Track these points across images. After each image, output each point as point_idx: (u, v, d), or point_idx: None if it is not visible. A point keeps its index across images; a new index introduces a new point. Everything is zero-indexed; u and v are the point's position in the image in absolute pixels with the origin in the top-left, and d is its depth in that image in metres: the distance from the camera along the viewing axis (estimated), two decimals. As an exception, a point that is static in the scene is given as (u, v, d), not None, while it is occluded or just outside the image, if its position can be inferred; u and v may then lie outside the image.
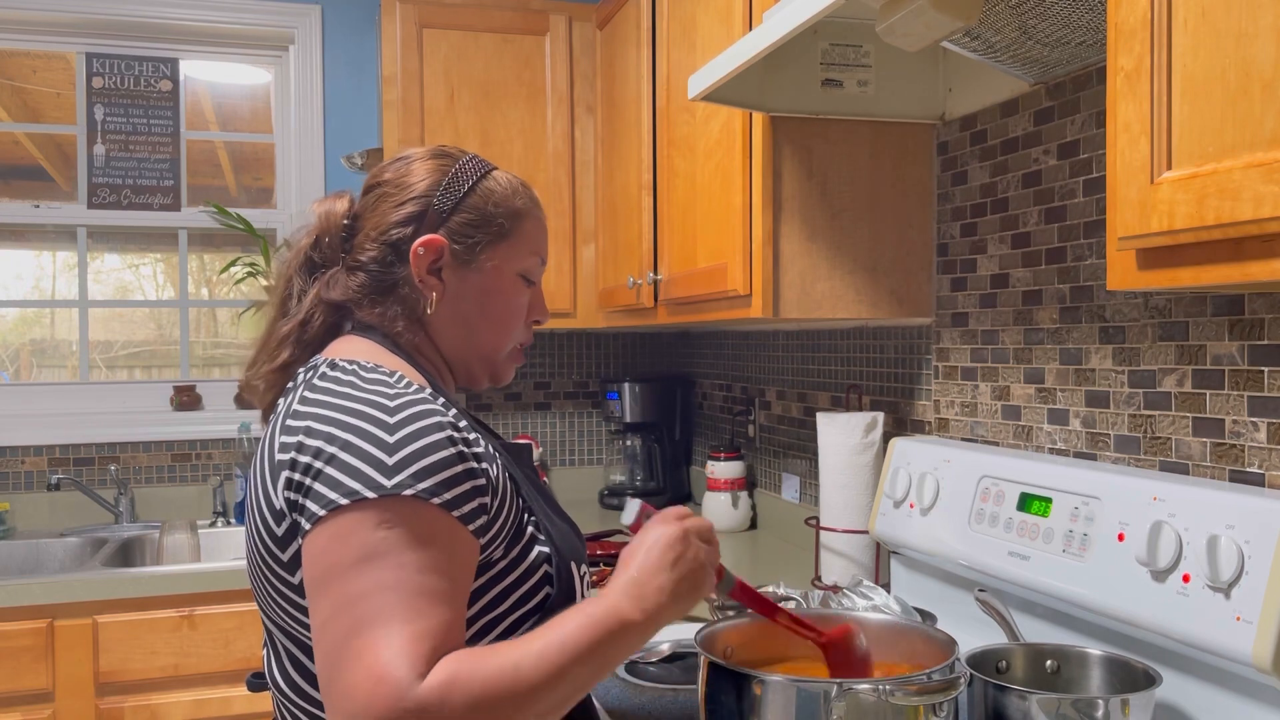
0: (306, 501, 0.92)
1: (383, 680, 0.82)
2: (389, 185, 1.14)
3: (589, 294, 2.87)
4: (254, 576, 1.02)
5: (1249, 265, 0.84)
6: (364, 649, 0.83)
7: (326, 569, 0.89)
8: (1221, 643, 1.11)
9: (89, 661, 2.29)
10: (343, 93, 3.11)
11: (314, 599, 0.90)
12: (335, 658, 0.85)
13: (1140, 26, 0.89)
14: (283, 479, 0.95)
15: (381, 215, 1.12)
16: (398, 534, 0.89)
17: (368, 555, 0.88)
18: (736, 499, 2.63)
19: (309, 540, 0.91)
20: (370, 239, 1.12)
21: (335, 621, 0.86)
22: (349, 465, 0.91)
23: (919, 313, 1.89)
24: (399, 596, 0.86)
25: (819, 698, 1.01)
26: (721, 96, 1.70)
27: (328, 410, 0.96)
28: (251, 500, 1.01)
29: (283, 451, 0.96)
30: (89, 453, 2.90)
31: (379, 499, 0.90)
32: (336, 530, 0.89)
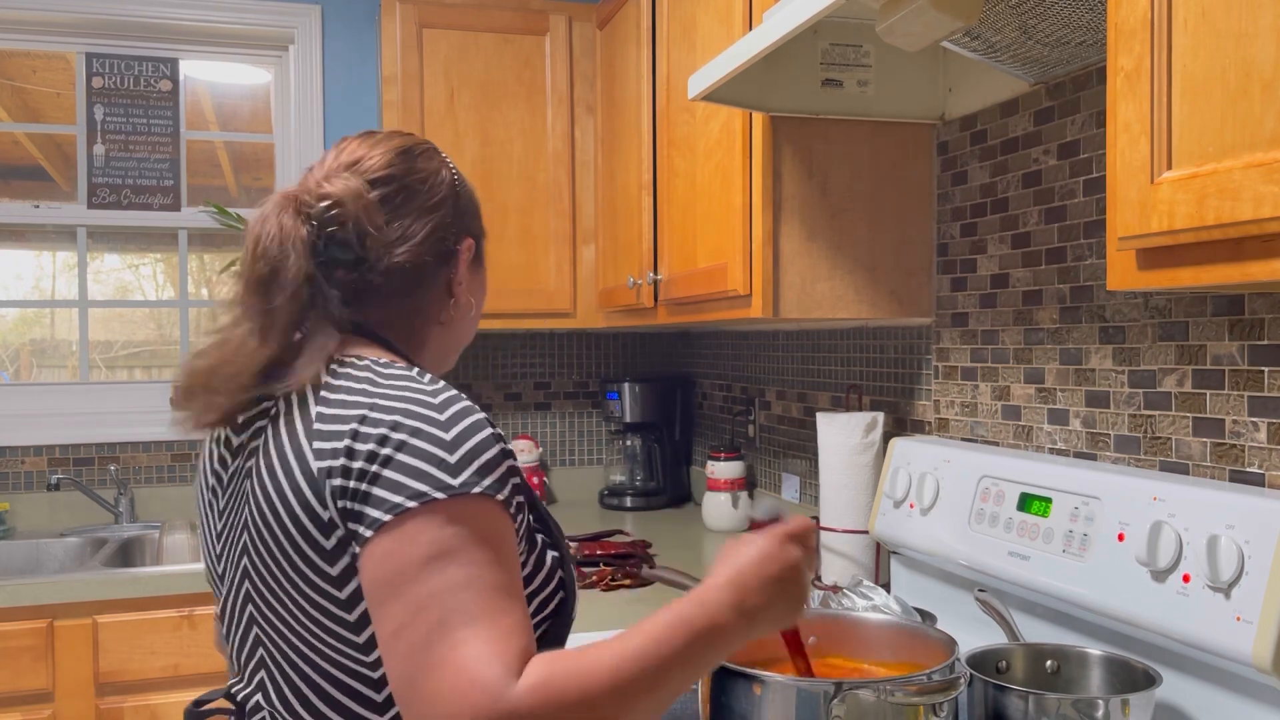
0: (365, 509, 0.87)
1: (475, 683, 0.78)
2: (415, 179, 1.06)
3: (589, 294, 2.87)
4: (263, 600, 0.95)
5: (1249, 265, 0.84)
6: (450, 651, 0.80)
7: (395, 572, 0.84)
8: (1221, 643, 1.11)
9: (89, 661, 2.29)
10: (343, 93, 3.11)
11: (382, 605, 0.85)
12: (418, 662, 0.80)
13: (1140, 26, 0.89)
14: (330, 488, 0.89)
15: (414, 212, 1.06)
16: (468, 531, 0.85)
17: (439, 554, 0.84)
18: (736, 499, 2.63)
19: (371, 548, 0.86)
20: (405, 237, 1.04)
21: (413, 625, 0.82)
22: (410, 466, 0.87)
23: (919, 313, 1.89)
24: (477, 594, 0.83)
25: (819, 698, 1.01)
26: (721, 96, 1.70)
27: (370, 410, 0.90)
28: (264, 520, 0.93)
29: (322, 459, 0.89)
30: (89, 453, 2.90)
31: (448, 499, 0.86)
32: (402, 533, 0.85)
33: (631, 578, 2.05)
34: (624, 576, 2.05)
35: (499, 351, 3.19)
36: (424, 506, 0.85)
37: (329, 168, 1.05)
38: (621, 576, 2.05)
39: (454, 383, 3.14)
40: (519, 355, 3.21)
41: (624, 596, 1.97)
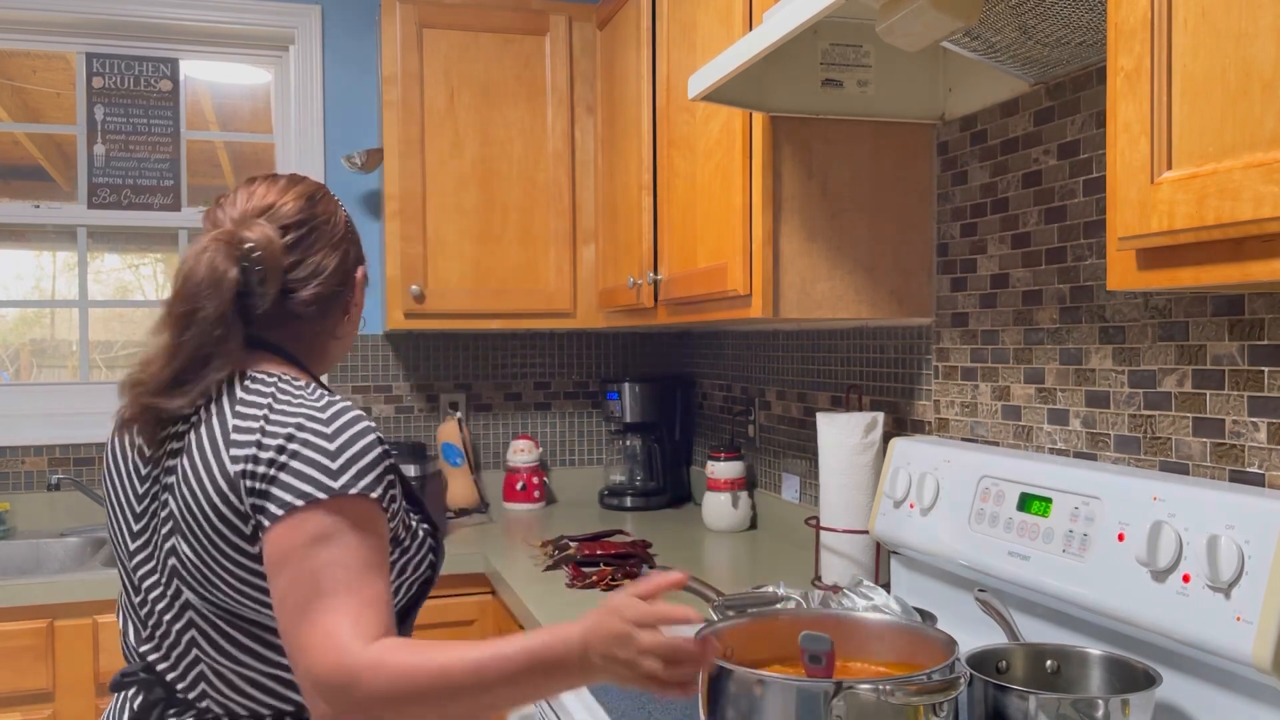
0: (266, 504, 1.08)
1: (333, 642, 1.01)
2: (319, 221, 1.25)
3: (589, 294, 2.87)
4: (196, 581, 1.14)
5: (1249, 265, 0.84)
6: (320, 615, 1.03)
7: (284, 552, 1.06)
8: (1221, 643, 1.11)
9: (89, 661, 2.29)
10: (343, 93, 3.11)
11: (275, 578, 1.06)
12: (297, 621, 1.03)
13: (1140, 26, 0.89)
14: (243, 486, 1.10)
15: (320, 247, 1.25)
16: (344, 522, 1.07)
17: (318, 539, 1.06)
18: (736, 499, 2.64)
19: (270, 534, 1.08)
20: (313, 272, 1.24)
21: (294, 592, 1.04)
22: (301, 472, 1.09)
23: (919, 313, 1.89)
24: (347, 571, 1.06)
25: (819, 698, 1.01)
26: (721, 96, 1.70)
27: (268, 424, 1.12)
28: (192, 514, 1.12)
29: (235, 463, 1.10)
30: (89, 452, 2.90)
31: (329, 499, 1.08)
32: (292, 523, 1.07)
33: (631, 578, 2.05)
34: (624, 576, 2.05)
35: (499, 351, 3.19)
36: (309, 504, 1.07)
37: (244, 210, 1.23)
38: (621, 576, 2.05)
39: (454, 382, 3.15)
40: (519, 355, 3.21)
41: (624, 596, 1.97)
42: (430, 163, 2.75)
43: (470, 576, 2.44)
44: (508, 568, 2.23)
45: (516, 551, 2.41)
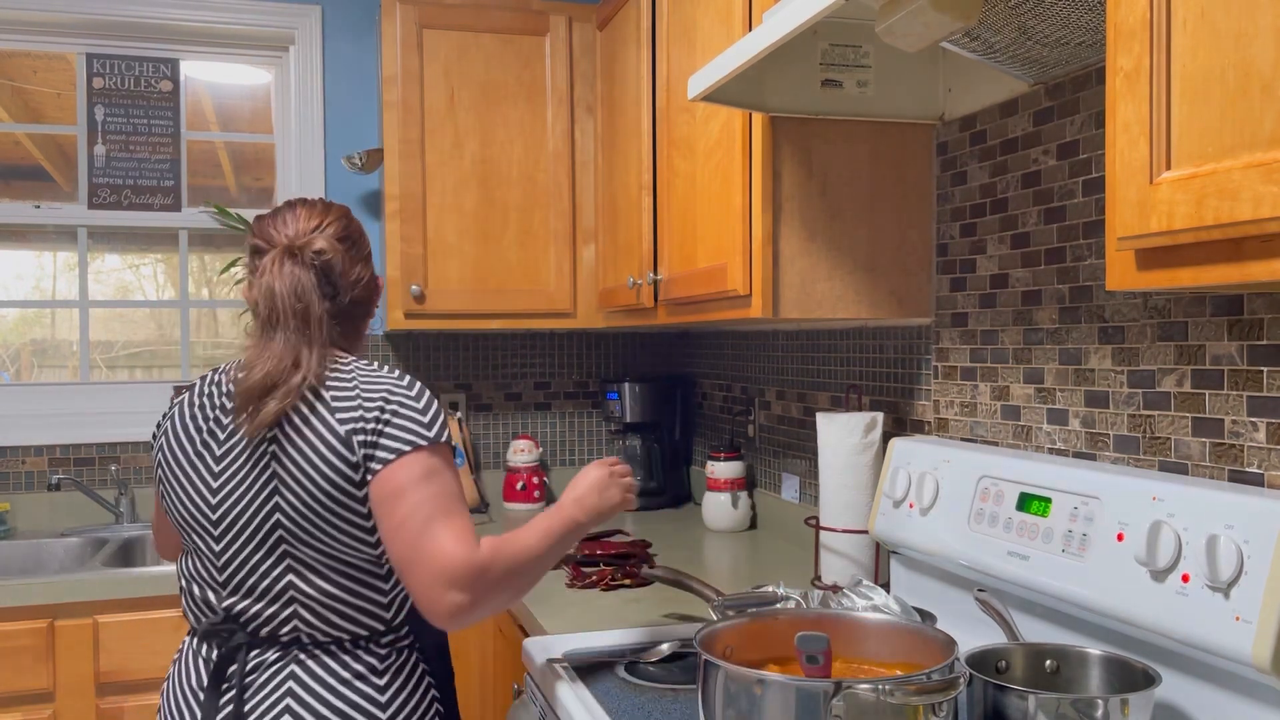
0: (377, 451, 1.34)
1: (461, 542, 1.30)
2: (357, 236, 1.54)
3: (589, 294, 2.87)
4: (304, 521, 1.35)
5: (1248, 265, 0.84)
6: (443, 528, 1.31)
7: (401, 486, 1.32)
8: (1221, 642, 1.11)
9: (89, 661, 2.29)
10: (343, 93, 3.11)
11: (389, 507, 1.32)
12: (421, 536, 1.30)
13: (1139, 27, 0.90)
14: (355, 441, 1.34)
15: (356, 259, 1.51)
16: (441, 462, 1.37)
17: (429, 473, 1.34)
18: (736, 499, 2.64)
19: (382, 474, 1.33)
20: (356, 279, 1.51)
21: (415, 515, 1.31)
22: (403, 426, 1.36)
23: (919, 313, 1.89)
24: (451, 500, 1.34)
25: (819, 697, 1.01)
26: (721, 97, 1.70)
27: (363, 394, 1.38)
28: (308, 464, 1.35)
29: (345, 424, 1.35)
30: (89, 453, 2.90)
31: (429, 445, 1.36)
32: (401, 464, 1.33)
33: (631, 578, 2.05)
34: (624, 576, 2.05)
35: (499, 351, 3.19)
36: (415, 449, 1.35)
37: (298, 229, 1.46)
38: (621, 576, 2.05)
39: (454, 382, 3.15)
40: (519, 355, 3.21)
41: (624, 596, 1.97)
42: (430, 163, 2.75)
43: (470, 576, 2.44)
44: (508, 568, 2.23)
45: (516, 551, 2.41)
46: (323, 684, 1.37)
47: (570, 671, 1.50)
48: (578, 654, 1.57)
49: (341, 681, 1.38)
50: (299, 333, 1.39)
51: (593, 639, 1.65)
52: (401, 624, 1.43)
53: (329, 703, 1.36)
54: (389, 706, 1.39)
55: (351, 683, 1.38)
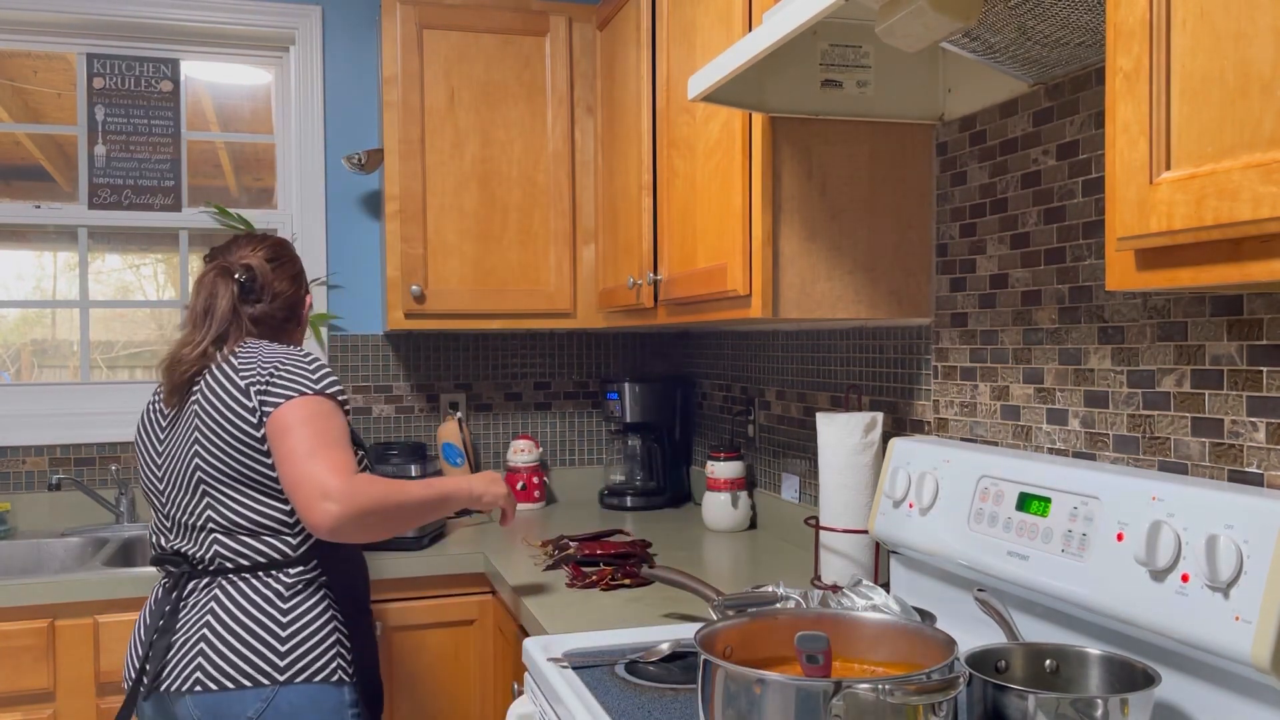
0: (268, 398, 1.68)
1: (339, 464, 1.62)
2: (288, 256, 1.95)
3: (589, 294, 2.87)
4: (221, 458, 1.69)
5: (1248, 265, 0.84)
6: (324, 453, 1.62)
7: (289, 423, 1.65)
8: (1220, 642, 1.11)
9: (90, 661, 2.29)
10: (343, 93, 3.11)
11: (281, 440, 1.64)
12: (306, 459, 1.61)
13: (1139, 27, 0.90)
14: (252, 390, 1.69)
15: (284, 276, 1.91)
16: (326, 408, 1.69)
17: (313, 414, 1.67)
18: (736, 499, 2.64)
19: (276, 413, 1.66)
20: (278, 292, 1.90)
21: (301, 444, 1.62)
22: (291, 378, 1.70)
23: (918, 313, 1.89)
24: (334, 434, 1.66)
25: (818, 697, 1.01)
26: (721, 97, 1.70)
27: (260, 360, 1.73)
28: (211, 417, 1.70)
29: (244, 379, 1.70)
30: (90, 453, 2.91)
31: (312, 394, 1.69)
32: (290, 405, 1.66)
33: (631, 577, 2.05)
34: (624, 576, 2.05)
35: (499, 351, 3.20)
36: (301, 395, 1.68)
37: (240, 254, 1.89)
38: (621, 576, 2.05)
39: (454, 382, 3.15)
40: (519, 355, 3.22)
41: (624, 596, 1.97)
42: (430, 163, 2.75)
43: (470, 576, 2.45)
44: (508, 568, 2.23)
45: (516, 551, 2.41)
46: (235, 604, 1.67)
47: (570, 671, 1.50)
48: (578, 654, 1.57)
49: (250, 603, 1.67)
50: (202, 325, 1.80)
51: (593, 639, 1.65)
52: (308, 556, 1.72)
53: (239, 619, 1.66)
54: (288, 627, 1.67)
55: (259, 604, 1.67)
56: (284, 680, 1.65)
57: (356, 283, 3.11)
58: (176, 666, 1.66)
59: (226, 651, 1.64)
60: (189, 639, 1.67)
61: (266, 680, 1.64)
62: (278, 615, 1.67)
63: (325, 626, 1.70)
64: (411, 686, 2.44)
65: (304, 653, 1.67)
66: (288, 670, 1.65)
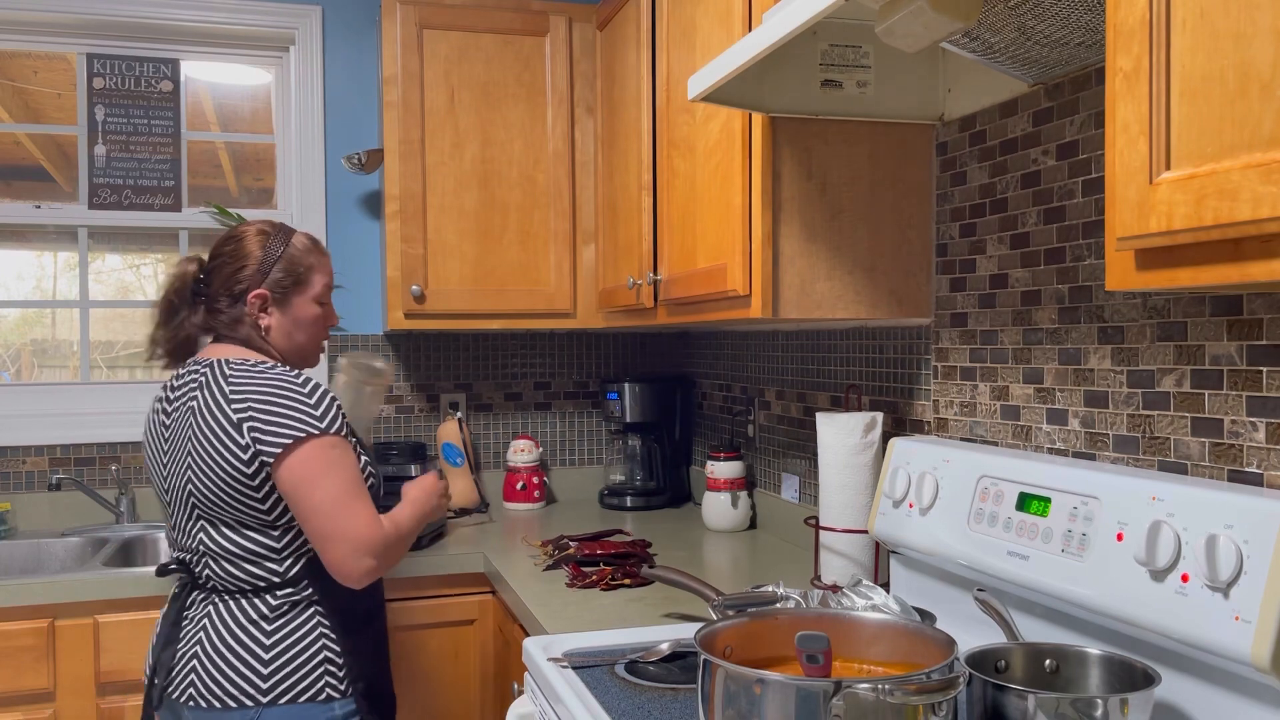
0: (266, 437, 1.64)
1: (371, 521, 1.67)
2: (228, 256, 1.80)
3: (589, 294, 2.87)
4: (209, 488, 1.67)
5: (1248, 266, 0.84)
6: (355, 511, 1.66)
7: (308, 475, 1.64)
8: (1220, 642, 1.11)
9: (90, 661, 2.29)
10: (343, 93, 3.11)
11: (304, 492, 1.64)
12: (338, 517, 1.64)
13: (1139, 27, 0.90)
14: (245, 427, 1.64)
15: (227, 276, 1.79)
16: (339, 452, 1.68)
17: (330, 464, 1.66)
18: (736, 499, 2.64)
19: (288, 462, 1.64)
20: (222, 291, 1.80)
21: (327, 499, 1.64)
22: (292, 413, 1.65)
23: (918, 313, 1.89)
24: (355, 481, 1.68)
25: (818, 697, 1.01)
26: (721, 97, 1.70)
27: (258, 388, 1.67)
28: (204, 442, 1.67)
29: (238, 412, 1.65)
30: (90, 453, 2.91)
31: (320, 434, 1.66)
32: (302, 453, 1.64)
33: (631, 577, 2.05)
34: (624, 576, 2.05)
35: (499, 351, 3.20)
36: (309, 439, 1.65)
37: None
38: (621, 576, 2.05)
39: (454, 382, 3.15)
40: (519, 355, 3.22)
41: (624, 596, 1.97)
42: (430, 163, 2.75)
43: (470, 576, 2.45)
44: (508, 568, 2.23)
45: (516, 551, 2.41)
46: (224, 624, 1.70)
47: (570, 671, 1.50)
48: (578, 654, 1.57)
49: (237, 624, 1.69)
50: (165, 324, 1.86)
51: (593, 639, 1.65)
52: (298, 578, 1.72)
53: (226, 640, 1.69)
54: (271, 650, 1.68)
55: (245, 626, 1.69)
56: (266, 702, 1.67)
57: (356, 283, 3.11)
58: (178, 677, 1.71)
59: (214, 672, 1.68)
60: (186, 653, 1.71)
61: (250, 702, 1.67)
62: (261, 638, 1.69)
63: (311, 646, 1.71)
64: (411, 686, 2.44)
65: (286, 675, 1.68)
66: (270, 693, 1.67)
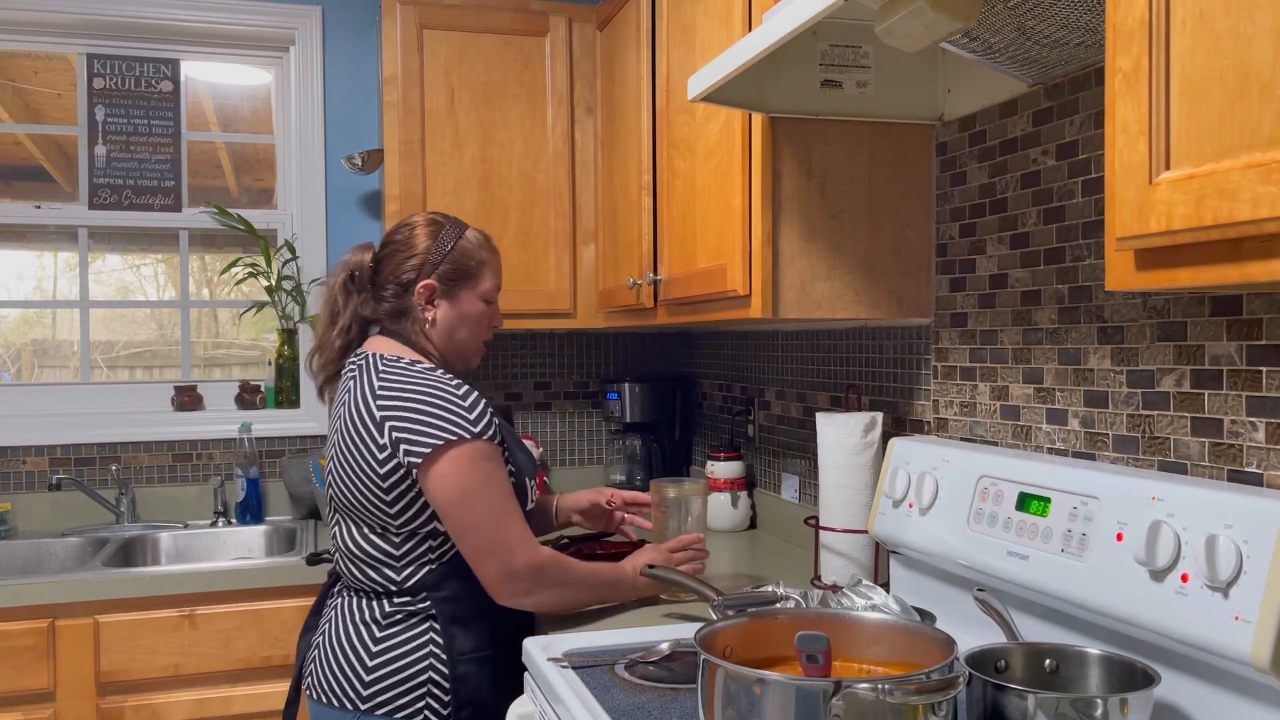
0: (413, 440, 1.59)
1: (526, 540, 1.64)
2: (399, 244, 1.78)
3: (589, 294, 2.87)
4: (345, 485, 1.67)
5: (1247, 266, 0.84)
6: (511, 529, 1.63)
7: (461, 488, 1.60)
8: (1220, 642, 1.11)
9: (90, 661, 2.29)
10: (343, 93, 3.11)
11: (460, 504, 1.60)
12: (493, 536, 1.61)
13: (1138, 27, 0.90)
14: (388, 427, 1.61)
15: (396, 265, 1.77)
16: (492, 464, 1.63)
17: (484, 478, 1.61)
18: (736, 499, 2.64)
19: (436, 469, 1.59)
20: (389, 279, 1.78)
21: (487, 515, 1.61)
22: (443, 416, 1.61)
23: (918, 313, 1.89)
24: (507, 495, 1.64)
25: (818, 697, 1.01)
26: (721, 97, 1.70)
27: (408, 389, 1.64)
28: (347, 439, 1.66)
29: (383, 411, 1.63)
30: (90, 453, 2.91)
31: (472, 439, 1.61)
32: (452, 460, 1.59)
33: (631, 577, 2.04)
34: (624, 576, 2.05)
35: (499, 351, 3.20)
36: (461, 443, 1.61)
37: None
38: (621, 576, 2.05)
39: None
40: (519, 355, 3.22)
41: (624, 596, 1.97)
42: (430, 163, 2.75)
43: (470, 576, 2.44)
44: (508, 568, 2.23)
45: (517, 551, 2.41)
46: (344, 621, 1.70)
47: (570, 671, 1.50)
48: (578, 654, 1.57)
49: (352, 625, 1.69)
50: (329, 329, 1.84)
51: (593, 639, 1.65)
52: (415, 588, 1.67)
53: (339, 639, 1.69)
54: (377, 657, 1.65)
55: (359, 628, 1.68)
56: (365, 709, 1.64)
57: (356, 283, 3.11)
58: (309, 664, 1.76)
59: (326, 669, 1.69)
60: (315, 643, 1.76)
61: (349, 705, 1.65)
62: (369, 643, 1.66)
63: (418, 663, 1.65)
64: (411, 686, 2.44)
65: (386, 686, 1.64)
66: (369, 700, 1.64)
